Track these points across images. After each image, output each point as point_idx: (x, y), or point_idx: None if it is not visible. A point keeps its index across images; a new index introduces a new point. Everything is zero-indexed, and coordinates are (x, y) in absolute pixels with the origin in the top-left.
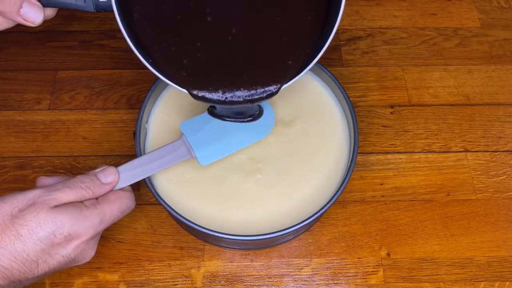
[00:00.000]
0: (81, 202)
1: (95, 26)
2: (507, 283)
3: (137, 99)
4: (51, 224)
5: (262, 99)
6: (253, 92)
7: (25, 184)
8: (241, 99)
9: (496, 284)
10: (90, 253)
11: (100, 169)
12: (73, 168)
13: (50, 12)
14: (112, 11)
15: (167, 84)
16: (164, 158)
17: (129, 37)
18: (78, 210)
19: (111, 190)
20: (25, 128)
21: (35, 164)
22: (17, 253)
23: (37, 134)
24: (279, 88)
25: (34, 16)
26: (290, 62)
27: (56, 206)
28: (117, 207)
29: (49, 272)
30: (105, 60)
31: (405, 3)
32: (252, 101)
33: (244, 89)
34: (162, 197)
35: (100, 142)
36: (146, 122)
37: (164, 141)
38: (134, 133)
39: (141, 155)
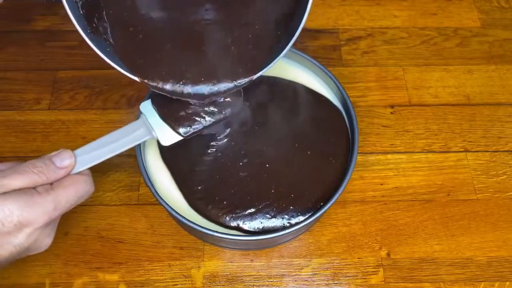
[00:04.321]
0: (34, 188)
1: None
2: (507, 283)
3: (137, 99)
4: None
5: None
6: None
7: None
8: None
9: (496, 284)
10: (46, 241)
11: (56, 152)
12: None
13: None
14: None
15: None
16: (123, 139)
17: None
18: (29, 196)
19: (68, 175)
20: (25, 128)
21: None
22: None
23: (37, 134)
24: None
25: None
26: (258, 53)
27: (4, 193)
28: (74, 192)
29: (1, 263)
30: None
31: (405, 3)
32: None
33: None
34: (162, 197)
35: None
36: None
37: None
38: None
39: (141, 154)
